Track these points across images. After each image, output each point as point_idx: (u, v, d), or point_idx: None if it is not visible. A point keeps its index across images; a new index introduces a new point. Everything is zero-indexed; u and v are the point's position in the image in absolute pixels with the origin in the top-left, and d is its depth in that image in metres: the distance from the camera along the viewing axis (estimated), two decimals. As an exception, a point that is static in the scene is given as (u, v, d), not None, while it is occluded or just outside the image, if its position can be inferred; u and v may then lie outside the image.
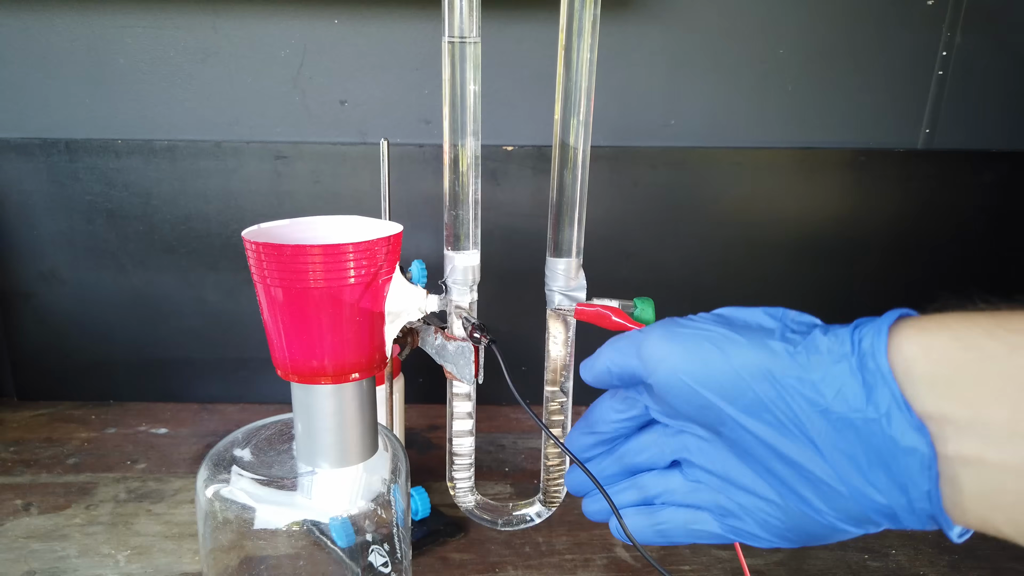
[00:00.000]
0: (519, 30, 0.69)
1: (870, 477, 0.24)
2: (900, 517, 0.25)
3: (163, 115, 0.71)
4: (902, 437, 0.23)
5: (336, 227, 0.38)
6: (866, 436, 0.24)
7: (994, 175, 0.73)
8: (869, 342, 0.24)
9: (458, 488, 0.50)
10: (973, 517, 0.24)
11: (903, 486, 0.24)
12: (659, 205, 0.73)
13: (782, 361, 0.26)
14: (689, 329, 0.29)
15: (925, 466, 0.23)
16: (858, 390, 0.24)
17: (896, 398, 0.23)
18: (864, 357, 0.24)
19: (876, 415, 0.24)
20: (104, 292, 0.73)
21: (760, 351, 0.26)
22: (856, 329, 0.25)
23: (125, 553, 0.52)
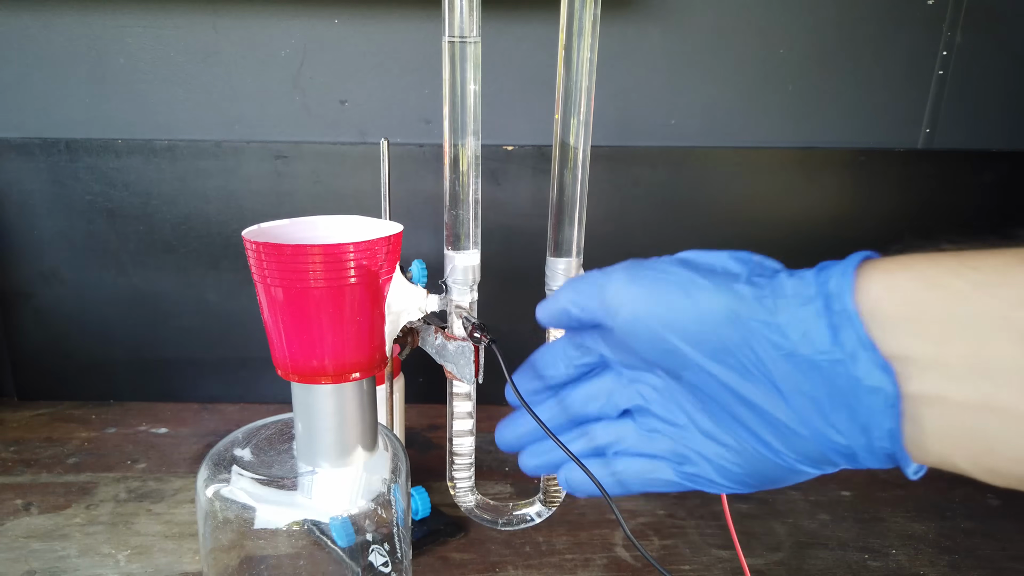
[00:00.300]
0: (519, 30, 0.69)
1: (831, 419, 0.24)
2: (859, 457, 0.25)
3: (163, 115, 0.71)
4: (867, 377, 0.23)
5: (336, 227, 0.38)
6: (831, 377, 0.24)
7: (994, 175, 0.73)
8: (835, 284, 0.24)
9: (458, 488, 0.50)
10: (933, 455, 0.24)
11: (865, 426, 0.24)
12: (659, 205, 0.73)
13: (748, 305, 0.25)
14: (654, 271, 0.28)
15: (889, 405, 0.23)
16: (824, 332, 0.24)
17: (862, 339, 0.23)
18: (830, 299, 0.24)
19: (842, 356, 0.23)
20: (104, 292, 0.73)
21: (726, 295, 0.26)
22: (821, 272, 0.25)
23: (125, 553, 0.52)
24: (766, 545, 0.55)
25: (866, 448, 0.24)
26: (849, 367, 0.23)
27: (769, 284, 0.26)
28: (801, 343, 0.24)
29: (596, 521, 0.57)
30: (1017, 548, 0.55)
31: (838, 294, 0.24)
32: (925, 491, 0.63)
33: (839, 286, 0.24)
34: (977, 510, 0.60)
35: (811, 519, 0.58)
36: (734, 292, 0.26)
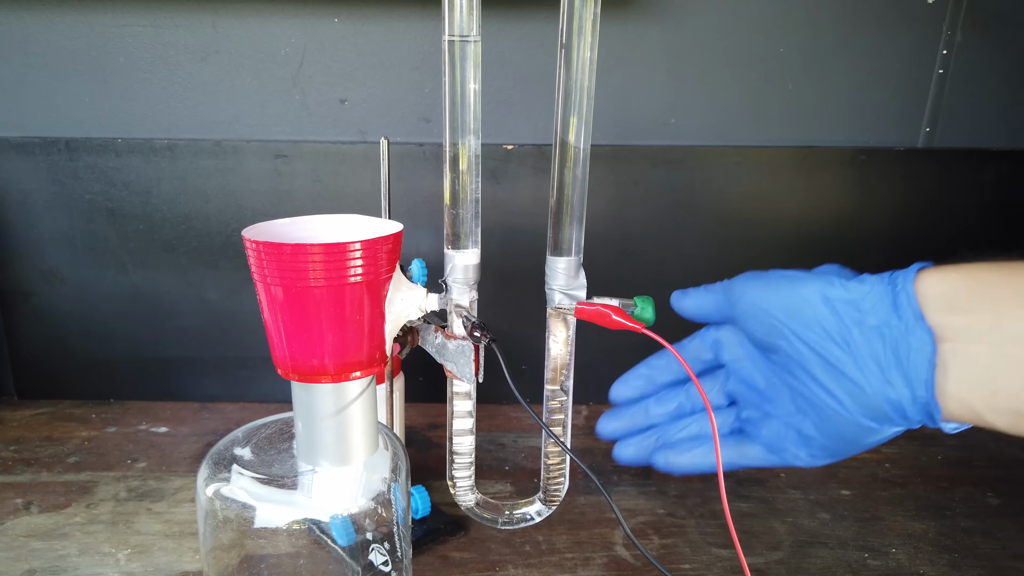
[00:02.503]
0: (519, 29, 0.69)
1: (888, 375, 0.32)
2: (906, 410, 0.32)
3: (163, 114, 0.71)
4: (915, 341, 0.32)
5: (336, 226, 0.39)
6: (890, 342, 0.32)
7: (994, 174, 0.73)
8: (901, 278, 0.34)
9: (458, 487, 0.50)
10: (957, 402, 0.31)
11: (910, 379, 0.32)
12: (659, 204, 0.73)
13: (837, 289, 0.35)
14: (765, 273, 0.39)
15: (927, 360, 0.31)
16: (888, 308, 0.33)
17: (915, 312, 0.32)
18: (896, 286, 0.34)
19: (899, 324, 0.32)
20: (104, 291, 0.73)
21: (822, 282, 0.36)
22: (892, 273, 0.35)
23: (125, 552, 0.52)
24: (766, 544, 0.55)
25: (911, 400, 0.32)
26: (904, 333, 0.32)
27: (854, 277, 0.36)
28: (871, 315, 0.33)
29: (596, 520, 0.57)
30: (1017, 547, 0.55)
31: (903, 284, 0.33)
32: (925, 490, 0.63)
33: (904, 278, 0.34)
34: (977, 509, 0.60)
35: (811, 518, 0.58)
36: (827, 280, 0.36)
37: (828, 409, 0.35)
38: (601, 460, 0.67)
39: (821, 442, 0.36)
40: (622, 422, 0.44)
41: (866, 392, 0.33)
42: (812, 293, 0.35)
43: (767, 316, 0.37)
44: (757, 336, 0.38)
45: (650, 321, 0.43)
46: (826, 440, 0.36)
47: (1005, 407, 0.30)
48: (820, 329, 0.35)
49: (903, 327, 0.32)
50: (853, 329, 0.33)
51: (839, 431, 0.35)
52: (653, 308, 0.44)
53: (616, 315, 0.42)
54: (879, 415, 0.33)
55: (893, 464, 0.67)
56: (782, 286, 0.37)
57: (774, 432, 0.39)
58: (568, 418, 0.48)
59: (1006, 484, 0.63)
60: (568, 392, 0.47)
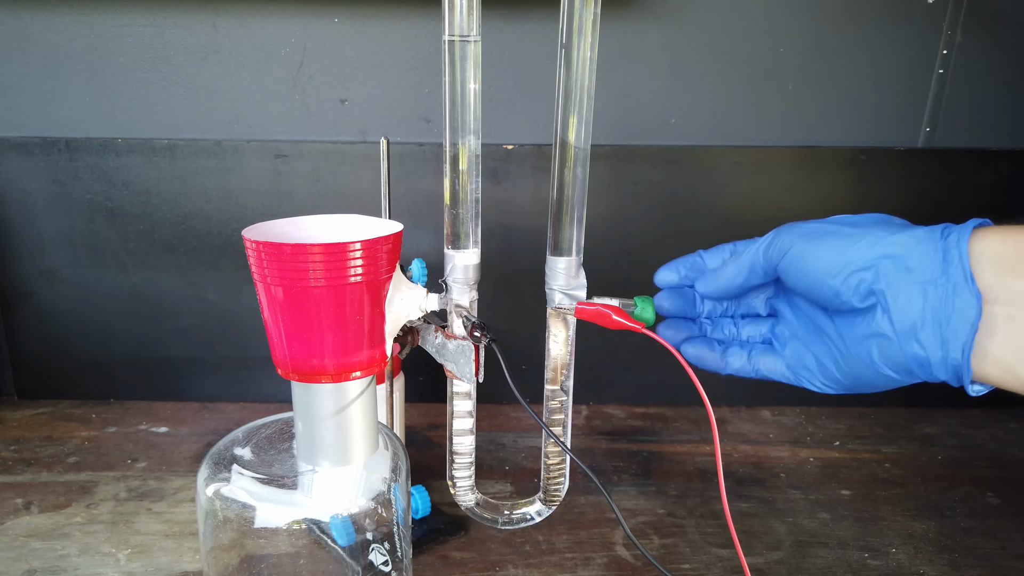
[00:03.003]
0: (519, 29, 0.69)
1: (921, 335, 0.32)
2: (933, 368, 0.32)
3: (163, 114, 0.71)
4: (960, 303, 0.31)
5: (336, 226, 0.39)
6: (931, 301, 0.31)
7: (994, 174, 0.73)
8: (955, 234, 0.32)
9: (458, 487, 0.50)
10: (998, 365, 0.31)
11: (945, 340, 0.31)
12: (659, 204, 0.73)
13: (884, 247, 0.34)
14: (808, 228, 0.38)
15: (968, 323, 0.30)
16: (937, 266, 0.32)
17: (965, 273, 0.31)
18: (948, 241, 0.32)
19: (946, 283, 0.31)
20: (104, 291, 0.73)
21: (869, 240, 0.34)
22: (946, 227, 0.34)
23: (126, 552, 0.52)
24: (766, 544, 0.55)
25: (941, 361, 0.32)
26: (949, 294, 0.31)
27: (902, 228, 0.35)
28: (917, 272, 0.32)
29: (596, 520, 0.57)
30: (1017, 546, 0.55)
31: (957, 240, 0.32)
32: (925, 490, 0.63)
33: (958, 234, 0.32)
34: (977, 509, 0.60)
35: (811, 518, 0.58)
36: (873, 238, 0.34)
37: (852, 355, 0.36)
38: (601, 460, 0.67)
39: (838, 377, 0.37)
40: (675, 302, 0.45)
41: (894, 347, 0.33)
42: (859, 251, 0.34)
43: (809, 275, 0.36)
44: (800, 290, 0.38)
45: (650, 321, 0.43)
46: (843, 377, 0.37)
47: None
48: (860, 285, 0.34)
49: (950, 287, 0.31)
50: (896, 285, 0.33)
51: (858, 373, 0.36)
52: (653, 308, 0.44)
53: (616, 315, 0.42)
54: (903, 370, 0.33)
55: (893, 464, 0.67)
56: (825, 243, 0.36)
57: (796, 354, 0.40)
58: (568, 418, 0.48)
59: (1006, 484, 0.63)
60: (568, 392, 0.47)
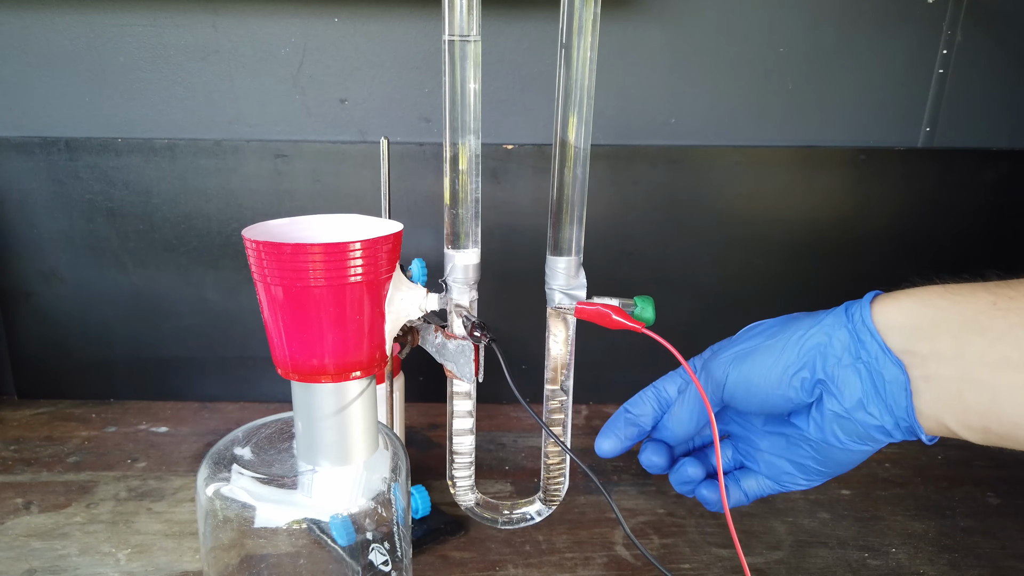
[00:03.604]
0: (519, 28, 0.69)
1: (870, 408, 0.35)
2: (891, 432, 0.35)
3: (163, 113, 0.71)
4: (888, 373, 0.34)
5: (336, 226, 0.38)
6: (866, 377, 0.34)
7: (994, 173, 0.73)
8: (858, 312, 0.35)
9: (458, 486, 0.50)
10: (932, 421, 0.34)
11: (890, 407, 0.34)
12: (659, 204, 0.73)
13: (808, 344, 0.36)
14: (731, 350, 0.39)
15: (903, 388, 0.33)
16: (856, 344, 0.35)
17: (881, 346, 0.34)
18: (855, 322, 0.35)
19: (870, 359, 0.34)
20: (104, 291, 0.73)
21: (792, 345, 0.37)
22: (848, 307, 0.36)
23: (126, 551, 0.52)
24: (766, 544, 0.55)
25: (895, 425, 0.34)
26: (876, 367, 0.34)
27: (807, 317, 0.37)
28: (843, 356, 0.35)
29: (596, 520, 0.57)
30: (1017, 546, 0.55)
31: (861, 318, 0.35)
32: (925, 490, 0.63)
33: (860, 312, 0.35)
34: (977, 509, 0.60)
35: (811, 518, 0.58)
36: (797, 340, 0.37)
37: (821, 443, 0.38)
38: (601, 460, 0.67)
39: (820, 469, 0.39)
40: (663, 459, 0.44)
41: (853, 424, 0.36)
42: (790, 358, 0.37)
43: (756, 395, 0.38)
44: (751, 409, 0.40)
45: (650, 321, 0.43)
46: (822, 467, 0.39)
47: (976, 424, 0.33)
48: (805, 383, 0.36)
49: (874, 361, 0.34)
50: (833, 372, 0.35)
51: (833, 457, 0.38)
52: (653, 308, 0.44)
53: (616, 315, 0.42)
54: (866, 439, 0.36)
55: (893, 464, 0.67)
56: (757, 362, 0.38)
57: (770, 465, 0.42)
58: (568, 418, 0.48)
59: (1006, 484, 0.63)
60: (568, 392, 0.47)
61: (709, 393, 0.40)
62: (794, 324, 0.38)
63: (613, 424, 0.43)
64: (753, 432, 0.43)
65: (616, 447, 0.42)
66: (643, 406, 0.42)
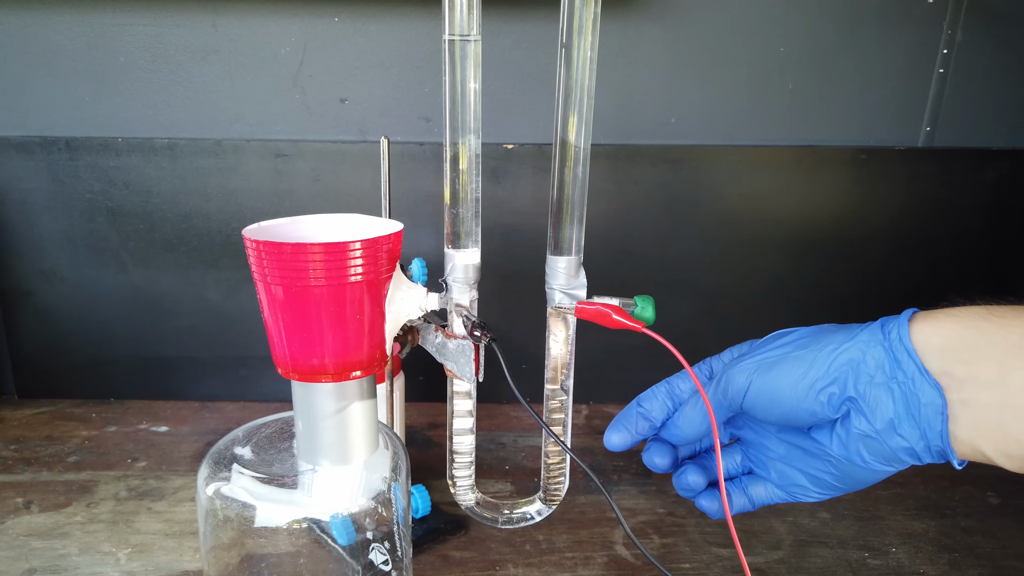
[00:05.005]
0: (519, 28, 0.69)
1: (901, 429, 0.33)
2: (920, 455, 0.34)
3: (163, 113, 0.71)
4: (924, 396, 0.32)
5: (336, 225, 0.38)
6: (899, 398, 0.33)
7: (995, 173, 0.73)
8: (895, 331, 0.34)
9: (458, 486, 0.50)
10: (968, 447, 0.32)
11: (923, 431, 0.33)
12: (659, 203, 0.73)
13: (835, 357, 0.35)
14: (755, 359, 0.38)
15: (939, 412, 0.32)
16: (892, 363, 0.33)
17: (919, 367, 0.32)
18: (892, 340, 0.34)
19: (906, 380, 0.33)
20: (105, 290, 0.73)
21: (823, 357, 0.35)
22: (884, 324, 0.35)
23: (126, 551, 0.52)
24: (766, 543, 0.55)
25: (925, 448, 0.33)
26: (912, 388, 0.33)
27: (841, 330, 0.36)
28: (877, 374, 0.34)
29: (596, 519, 0.57)
30: (1017, 546, 0.55)
31: (899, 337, 0.33)
32: (925, 490, 0.63)
33: (898, 330, 0.34)
34: (977, 508, 0.60)
35: (811, 517, 0.58)
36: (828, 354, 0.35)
37: (844, 461, 0.36)
38: (601, 460, 0.67)
39: (834, 484, 0.38)
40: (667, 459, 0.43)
41: (882, 445, 0.34)
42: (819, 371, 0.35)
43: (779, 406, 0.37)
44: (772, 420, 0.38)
45: (650, 320, 0.43)
46: (839, 483, 0.38)
47: (1016, 453, 0.32)
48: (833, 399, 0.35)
49: (910, 382, 0.33)
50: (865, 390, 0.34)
51: (853, 475, 0.37)
52: (653, 307, 0.44)
53: (616, 314, 0.42)
54: (893, 460, 0.35)
55: (893, 463, 0.67)
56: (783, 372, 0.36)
57: (783, 475, 0.40)
58: (568, 417, 0.48)
59: (1006, 484, 0.63)
60: (568, 391, 0.47)
61: (728, 399, 0.38)
62: (826, 336, 0.36)
63: (624, 417, 0.42)
64: (768, 440, 0.41)
65: (625, 441, 0.42)
66: (655, 401, 0.42)
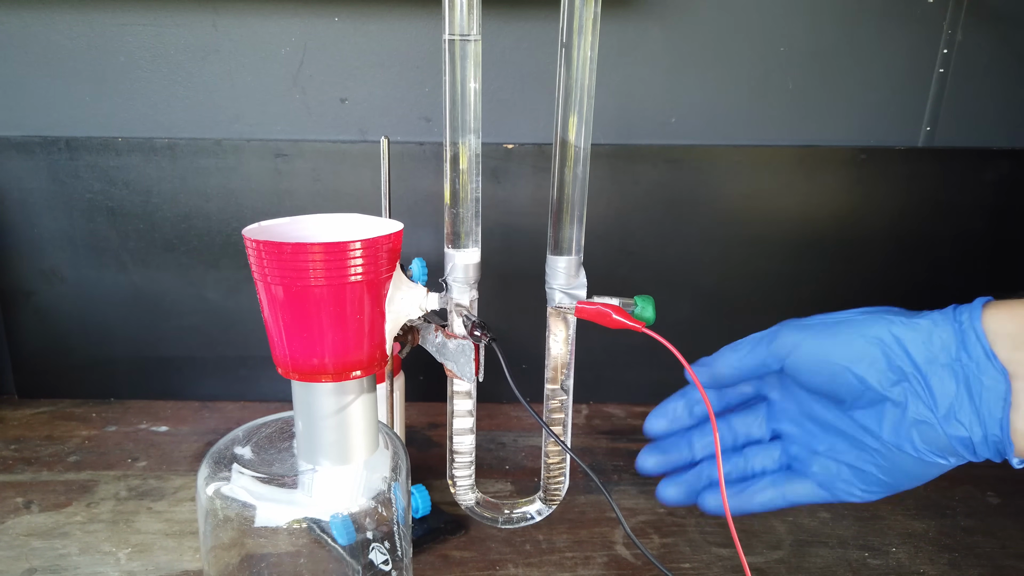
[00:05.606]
0: (519, 28, 0.69)
1: (959, 415, 0.32)
2: (976, 447, 0.32)
3: (163, 113, 0.71)
4: (988, 380, 0.31)
5: (336, 225, 0.39)
6: (962, 380, 0.32)
7: (995, 173, 0.73)
8: (967, 314, 0.33)
9: (458, 486, 0.50)
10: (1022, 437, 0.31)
11: (982, 418, 0.32)
12: (659, 203, 0.73)
13: (902, 328, 0.34)
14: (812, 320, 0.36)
15: (1001, 398, 0.31)
16: (958, 346, 0.32)
17: (986, 350, 0.31)
18: (962, 323, 0.32)
19: (969, 362, 0.32)
20: (105, 290, 0.73)
21: (883, 322, 0.34)
22: (956, 308, 0.34)
23: (126, 551, 0.52)
24: (766, 543, 0.55)
25: (983, 439, 0.32)
26: (976, 372, 0.32)
27: (917, 315, 0.34)
28: (941, 353, 0.32)
29: (596, 519, 0.57)
30: (1017, 546, 0.55)
31: (970, 320, 0.32)
32: (925, 489, 0.63)
33: (969, 314, 0.33)
34: (977, 508, 0.60)
35: (811, 517, 0.58)
36: (887, 320, 0.34)
37: (893, 449, 0.35)
38: (601, 459, 0.67)
39: (880, 478, 0.36)
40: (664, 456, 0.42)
41: (936, 431, 0.33)
42: (877, 334, 0.34)
43: (829, 366, 0.35)
44: (815, 385, 0.36)
45: (650, 320, 0.43)
46: (886, 476, 0.36)
47: None
48: (887, 370, 0.34)
49: (974, 365, 0.32)
50: (926, 368, 0.33)
51: (902, 468, 0.35)
52: (653, 307, 0.44)
53: (616, 314, 0.42)
54: (947, 451, 0.33)
55: (893, 463, 0.67)
56: (839, 331, 0.35)
57: (826, 469, 0.38)
58: (568, 417, 0.48)
59: (1006, 484, 0.63)
60: (568, 391, 0.47)
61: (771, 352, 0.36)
62: (891, 311, 0.35)
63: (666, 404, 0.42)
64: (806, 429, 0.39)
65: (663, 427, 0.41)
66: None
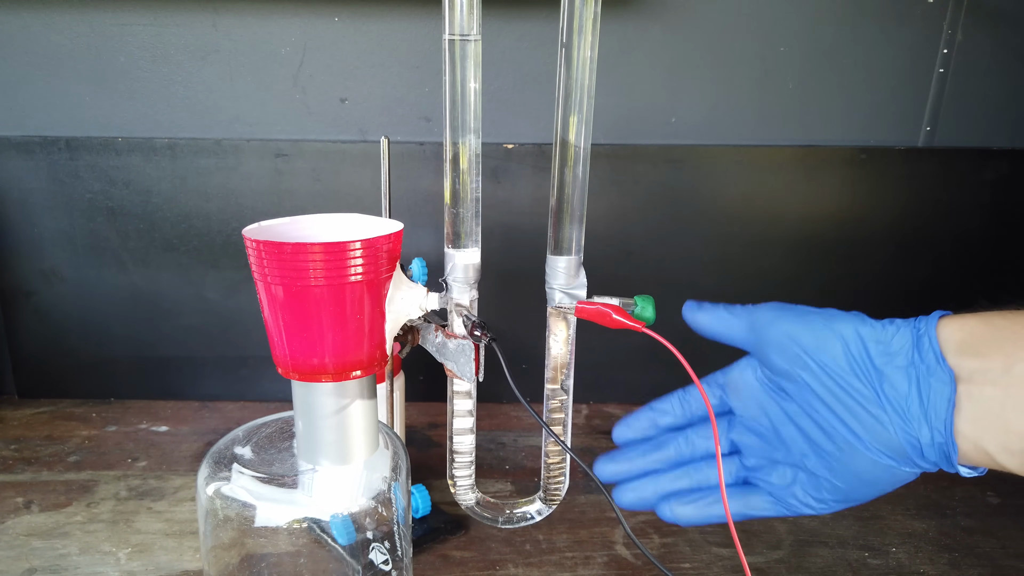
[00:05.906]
0: (520, 28, 0.69)
1: (909, 414, 0.34)
2: (923, 447, 0.34)
3: (163, 113, 0.71)
4: (936, 382, 0.33)
5: (336, 225, 0.39)
6: (914, 382, 0.34)
7: (995, 173, 0.73)
8: (924, 323, 0.35)
9: (459, 486, 0.50)
10: (970, 444, 0.33)
11: (929, 418, 0.33)
12: (660, 203, 0.73)
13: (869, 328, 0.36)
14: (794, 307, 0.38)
15: (947, 399, 0.33)
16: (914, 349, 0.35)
17: (936, 354, 0.34)
18: (920, 330, 0.35)
19: (922, 365, 0.34)
20: (105, 290, 0.73)
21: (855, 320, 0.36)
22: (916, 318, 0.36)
23: (126, 551, 0.52)
24: (766, 543, 0.55)
25: (929, 440, 0.33)
26: (926, 374, 0.34)
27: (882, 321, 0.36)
28: (899, 356, 0.35)
29: (596, 519, 0.57)
30: (1017, 546, 0.55)
31: (926, 329, 0.35)
32: (925, 489, 0.63)
33: (926, 323, 0.35)
34: (977, 508, 0.60)
35: (811, 517, 0.58)
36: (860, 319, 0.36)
37: (845, 444, 0.36)
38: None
39: (833, 483, 0.37)
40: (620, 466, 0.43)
41: (887, 428, 0.34)
42: (845, 329, 0.36)
43: (795, 346, 0.37)
44: (778, 365, 0.38)
45: (650, 320, 0.43)
46: (839, 480, 0.37)
47: (1016, 447, 0.32)
48: (847, 364, 0.35)
49: (925, 368, 0.34)
50: (883, 368, 0.35)
51: (854, 469, 0.36)
52: (653, 307, 0.44)
53: (616, 314, 0.42)
54: (897, 452, 0.34)
55: (893, 463, 0.67)
56: (814, 321, 0.37)
57: (781, 478, 0.39)
58: (568, 417, 0.48)
59: (1006, 484, 0.63)
60: (568, 391, 0.47)
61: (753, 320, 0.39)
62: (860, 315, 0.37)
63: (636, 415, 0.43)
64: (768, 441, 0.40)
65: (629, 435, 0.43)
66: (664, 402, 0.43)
